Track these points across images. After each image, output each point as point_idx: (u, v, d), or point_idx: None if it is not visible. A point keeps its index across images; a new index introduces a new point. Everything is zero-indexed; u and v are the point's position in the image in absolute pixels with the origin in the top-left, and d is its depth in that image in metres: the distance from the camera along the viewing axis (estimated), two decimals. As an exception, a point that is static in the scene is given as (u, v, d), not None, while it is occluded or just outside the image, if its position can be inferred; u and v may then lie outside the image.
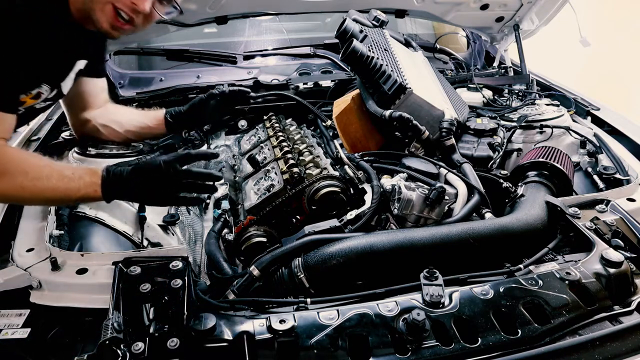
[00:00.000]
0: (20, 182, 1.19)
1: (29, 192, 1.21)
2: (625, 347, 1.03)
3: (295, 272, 1.24)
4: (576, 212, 1.42)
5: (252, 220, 1.49)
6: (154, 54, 2.59)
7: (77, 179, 1.24)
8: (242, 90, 1.89)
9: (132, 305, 1.09)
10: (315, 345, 0.99)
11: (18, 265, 1.22)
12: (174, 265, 1.20)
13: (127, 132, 1.78)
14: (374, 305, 1.08)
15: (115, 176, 1.26)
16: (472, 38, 2.96)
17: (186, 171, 1.28)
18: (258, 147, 1.94)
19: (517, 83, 2.49)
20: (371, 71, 1.69)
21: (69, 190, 1.23)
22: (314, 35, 2.90)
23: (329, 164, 1.64)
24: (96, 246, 1.44)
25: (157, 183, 1.26)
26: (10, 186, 1.19)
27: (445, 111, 1.70)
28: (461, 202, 1.46)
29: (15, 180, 1.19)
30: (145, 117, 1.81)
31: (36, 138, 1.85)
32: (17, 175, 1.19)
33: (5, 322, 1.12)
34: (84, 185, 1.24)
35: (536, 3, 2.50)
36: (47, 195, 1.23)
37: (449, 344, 1.01)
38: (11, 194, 1.22)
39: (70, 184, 1.23)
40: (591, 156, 1.89)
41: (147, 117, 1.82)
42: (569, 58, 3.95)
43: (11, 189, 1.20)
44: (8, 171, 1.19)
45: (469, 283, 1.19)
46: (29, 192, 1.21)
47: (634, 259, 1.27)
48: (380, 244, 1.25)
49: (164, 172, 1.25)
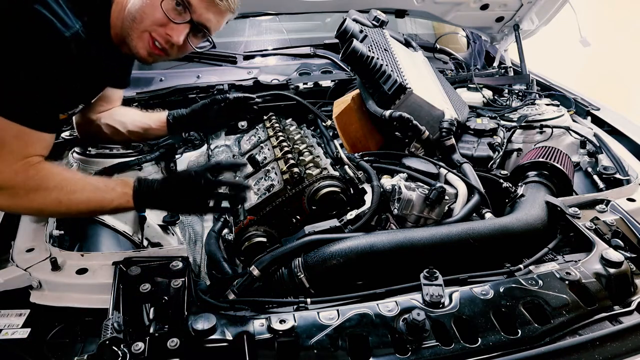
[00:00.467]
0: (56, 196, 1.21)
1: (65, 206, 1.23)
2: (625, 347, 1.03)
3: (295, 272, 1.24)
4: (576, 212, 1.42)
5: (252, 220, 1.49)
6: (154, 54, 2.59)
7: (110, 190, 1.26)
8: (246, 97, 1.90)
9: (132, 305, 1.09)
10: (315, 345, 0.99)
11: (18, 265, 1.22)
12: (174, 265, 1.20)
13: (130, 133, 1.79)
14: (374, 305, 1.08)
15: (146, 187, 1.28)
16: (472, 38, 2.96)
17: (217, 181, 1.30)
18: (258, 147, 1.93)
19: (517, 83, 2.50)
20: (371, 71, 1.69)
21: (103, 201, 1.26)
22: (314, 35, 2.90)
23: (329, 164, 1.64)
24: (96, 246, 1.44)
25: (188, 193, 1.28)
26: (47, 201, 1.22)
27: (445, 111, 1.70)
28: (461, 202, 1.46)
29: (52, 195, 1.21)
30: (147, 118, 1.82)
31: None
32: (52, 190, 1.21)
33: (5, 322, 1.13)
34: (116, 197, 1.26)
35: (536, 3, 2.50)
36: (82, 208, 1.25)
37: (449, 344, 1.01)
38: (48, 208, 1.24)
39: (104, 196, 1.26)
40: (591, 156, 1.89)
41: (150, 118, 1.82)
42: (569, 58, 3.95)
43: (48, 203, 1.22)
44: (44, 186, 1.21)
45: (469, 283, 1.19)
46: (65, 206, 1.23)
47: (634, 259, 1.27)
48: (380, 244, 1.25)
49: (195, 183, 1.28)
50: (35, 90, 1.20)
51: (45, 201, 1.21)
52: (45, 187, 1.21)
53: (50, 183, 1.22)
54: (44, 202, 1.22)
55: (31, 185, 1.20)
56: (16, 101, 1.18)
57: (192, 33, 1.44)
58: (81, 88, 1.42)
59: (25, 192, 1.20)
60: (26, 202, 1.21)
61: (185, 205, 1.32)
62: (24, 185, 1.20)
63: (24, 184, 1.19)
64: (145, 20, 1.37)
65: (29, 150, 1.22)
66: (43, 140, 1.26)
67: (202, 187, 1.28)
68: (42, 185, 1.21)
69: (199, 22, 1.41)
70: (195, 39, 1.47)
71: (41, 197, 1.21)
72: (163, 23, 1.37)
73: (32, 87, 1.20)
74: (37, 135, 1.23)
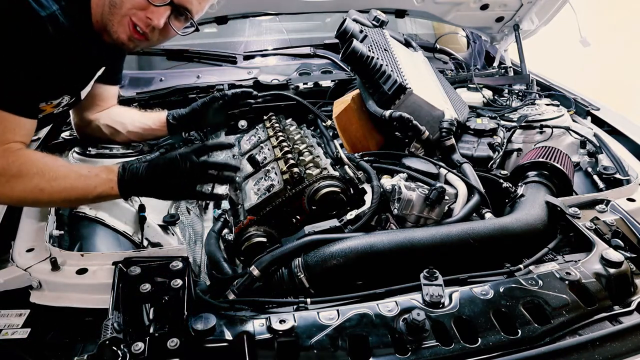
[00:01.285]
0: (37, 183, 1.19)
1: (47, 194, 1.20)
2: (625, 347, 1.03)
3: (295, 272, 1.24)
4: (576, 212, 1.42)
5: (252, 220, 1.49)
6: (154, 54, 2.59)
7: (93, 176, 1.24)
8: (245, 92, 1.90)
9: (132, 305, 1.09)
10: (315, 345, 0.99)
11: (18, 265, 1.22)
12: (174, 265, 1.20)
13: (130, 134, 1.79)
14: (374, 305, 1.08)
15: (131, 172, 1.25)
16: (472, 38, 2.96)
17: (203, 162, 1.26)
18: (258, 147, 1.93)
19: (517, 83, 2.49)
20: (371, 71, 1.69)
21: (86, 188, 1.23)
22: (314, 35, 2.90)
23: (329, 164, 1.64)
24: (96, 246, 1.44)
25: (174, 177, 1.24)
26: (29, 188, 1.19)
27: (445, 111, 1.70)
28: (461, 202, 1.46)
29: (33, 182, 1.19)
30: (147, 118, 1.82)
31: (36, 138, 1.85)
32: (33, 177, 1.19)
33: (5, 322, 1.12)
34: (100, 183, 1.24)
35: (536, 3, 2.50)
36: (64, 196, 1.23)
37: (449, 344, 1.01)
38: (29, 196, 1.21)
39: (88, 182, 1.23)
40: (591, 156, 1.89)
41: (150, 118, 1.82)
42: (569, 58, 3.95)
43: (28, 191, 1.19)
44: (24, 173, 1.18)
45: (469, 283, 1.19)
46: (47, 194, 1.20)
47: (634, 259, 1.26)
48: (380, 244, 1.25)
49: (181, 165, 1.24)
50: (11, 72, 1.18)
51: (27, 188, 1.18)
52: (26, 174, 1.18)
53: (31, 169, 1.19)
54: (24, 189, 1.19)
55: (12, 171, 1.17)
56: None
57: (173, 16, 1.41)
58: (64, 76, 1.39)
59: (5, 179, 1.18)
60: (7, 189, 1.18)
61: (172, 190, 1.27)
62: (3, 172, 1.17)
63: (4, 171, 1.17)
64: (125, 4, 1.34)
65: (8, 136, 1.20)
66: (22, 127, 1.24)
67: (188, 170, 1.24)
68: (23, 172, 1.18)
69: (179, 4, 1.39)
70: (178, 22, 1.44)
71: (22, 184, 1.18)
72: (143, 7, 1.35)
73: (8, 68, 1.17)
74: (15, 121, 1.21)
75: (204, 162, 1.27)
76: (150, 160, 1.29)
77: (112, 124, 1.75)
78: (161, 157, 1.28)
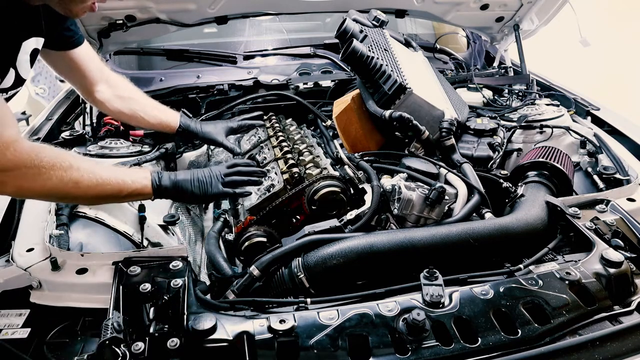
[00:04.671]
0: (72, 176, 1.16)
1: (83, 186, 1.18)
2: (625, 347, 1.03)
3: (295, 272, 1.24)
4: (576, 212, 1.42)
5: (252, 220, 1.49)
6: (154, 54, 2.59)
7: (127, 174, 1.27)
8: (252, 125, 1.96)
9: (132, 305, 1.09)
10: (315, 345, 0.99)
11: (18, 265, 1.22)
12: (174, 265, 1.20)
13: (140, 124, 1.79)
14: (374, 305, 1.08)
15: (165, 180, 1.32)
16: (472, 38, 2.96)
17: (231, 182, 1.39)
18: (258, 147, 1.93)
19: (517, 83, 2.50)
20: (371, 71, 1.69)
21: (122, 184, 1.25)
22: (314, 35, 2.90)
23: (329, 164, 1.64)
24: (96, 246, 1.44)
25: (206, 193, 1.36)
26: (64, 180, 1.16)
27: (445, 111, 1.70)
28: (461, 202, 1.46)
29: (67, 174, 1.16)
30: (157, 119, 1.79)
31: (36, 138, 1.85)
32: (67, 170, 1.16)
33: (5, 322, 1.13)
34: (136, 180, 1.27)
35: (536, 3, 2.50)
36: (99, 190, 1.22)
37: (449, 344, 1.01)
38: (63, 189, 1.17)
39: (124, 178, 1.25)
40: (591, 156, 1.89)
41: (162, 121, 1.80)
42: (569, 58, 3.95)
43: (64, 183, 1.16)
44: (57, 166, 1.15)
45: (469, 283, 1.19)
46: (83, 187, 1.18)
47: (634, 259, 1.26)
48: (380, 244, 1.25)
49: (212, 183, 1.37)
50: None
51: (63, 180, 1.15)
52: (60, 167, 1.15)
53: (64, 162, 1.16)
54: (60, 181, 1.15)
55: (42, 164, 1.13)
56: None
57: None
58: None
59: (37, 171, 1.12)
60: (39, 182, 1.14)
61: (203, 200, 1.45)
62: (32, 165, 1.12)
63: (32, 163, 1.12)
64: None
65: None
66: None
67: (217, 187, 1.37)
68: (56, 165, 1.14)
69: None
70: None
71: (55, 176, 1.14)
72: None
73: None
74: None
75: (232, 181, 1.40)
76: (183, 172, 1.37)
77: (127, 112, 1.73)
78: (192, 172, 1.37)
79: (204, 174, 1.37)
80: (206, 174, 1.37)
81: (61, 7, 1.24)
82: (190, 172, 1.37)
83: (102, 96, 1.67)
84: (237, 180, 1.41)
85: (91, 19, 2.19)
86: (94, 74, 1.64)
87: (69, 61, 1.58)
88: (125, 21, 2.23)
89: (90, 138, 1.96)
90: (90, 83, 1.64)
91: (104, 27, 2.23)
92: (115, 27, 2.23)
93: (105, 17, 2.20)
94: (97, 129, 2.05)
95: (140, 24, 2.27)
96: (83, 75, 1.63)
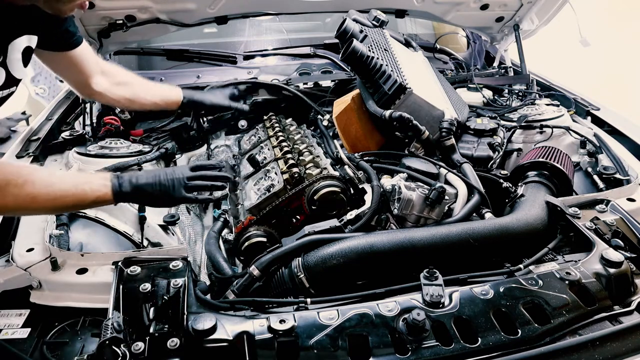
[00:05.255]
0: (29, 192, 1.13)
1: (40, 201, 1.15)
2: (625, 347, 1.03)
3: (295, 272, 1.24)
4: (576, 212, 1.42)
5: (252, 220, 1.49)
6: (154, 54, 2.59)
7: (85, 183, 1.21)
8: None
9: (132, 305, 1.09)
10: (315, 345, 0.99)
11: (18, 265, 1.22)
12: (174, 265, 1.20)
13: (143, 106, 1.80)
14: (374, 305, 1.08)
15: (124, 183, 1.25)
16: (472, 38, 2.96)
17: (192, 186, 1.32)
18: (258, 147, 1.94)
19: (517, 83, 2.50)
20: (371, 71, 1.69)
21: (82, 194, 1.20)
22: (314, 35, 2.91)
23: (329, 164, 1.64)
24: (96, 246, 1.44)
25: (165, 195, 1.29)
26: (20, 197, 1.12)
27: (445, 111, 1.70)
28: (461, 202, 1.46)
29: (23, 191, 1.13)
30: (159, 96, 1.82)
31: (36, 138, 1.85)
32: (22, 186, 1.13)
33: (5, 322, 1.13)
34: (95, 188, 1.22)
35: (536, 3, 2.50)
36: (59, 203, 1.19)
37: (449, 344, 1.01)
38: (21, 205, 1.15)
39: (83, 188, 1.20)
40: (591, 156, 1.89)
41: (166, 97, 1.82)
42: (569, 58, 3.95)
43: (20, 200, 1.13)
44: (12, 183, 1.12)
45: (469, 283, 1.19)
46: (40, 202, 1.15)
47: (634, 259, 1.27)
48: (380, 244, 1.25)
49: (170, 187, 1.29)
50: None
51: (18, 197, 1.12)
52: (14, 184, 1.11)
53: (17, 179, 1.12)
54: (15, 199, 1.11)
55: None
56: None
57: None
58: None
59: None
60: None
61: (163, 204, 1.35)
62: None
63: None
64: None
65: None
66: None
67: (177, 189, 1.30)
68: (11, 182, 1.11)
69: None
70: None
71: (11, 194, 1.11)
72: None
73: None
74: None
75: (195, 186, 1.33)
76: (145, 175, 1.30)
77: (129, 96, 1.74)
78: (153, 176, 1.30)
79: (167, 177, 1.30)
80: (169, 178, 1.30)
81: (48, 6, 1.22)
82: (153, 174, 1.31)
83: (100, 87, 1.67)
84: (200, 185, 1.35)
85: (91, 19, 2.19)
86: (90, 68, 1.64)
87: (67, 60, 1.58)
88: (125, 21, 2.23)
89: (90, 138, 1.96)
90: (86, 77, 1.64)
91: (104, 27, 2.23)
92: (115, 27, 2.23)
93: (105, 17, 2.20)
94: (97, 129, 2.05)
95: (140, 24, 2.27)
96: (80, 72, 1.63)
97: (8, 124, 3.33)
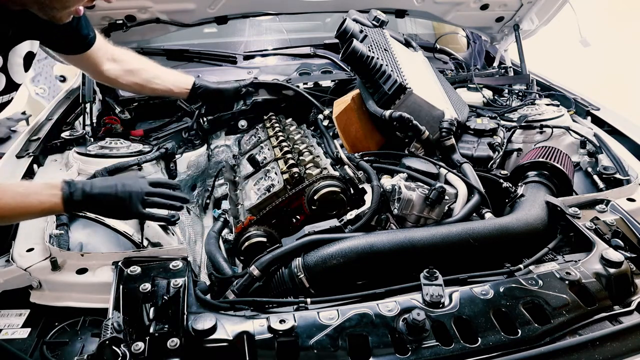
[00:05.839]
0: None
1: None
2: (625, 347, 1.03)
3: (295, 272, 1.24)
4: (576, 212, 1.42)
5: (252, 220, 1.49)
6: (154, 54, 2.58)
7: (33, 194, 1.18)
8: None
9: (132, 305, 1.09)
10: (315, 345, 0.99)
11: (18, 265, 1.22)
12: (174, 265, 1.20)
13: (154, 91, 1.84)
14: (374, 305, 1.08)
15: (76, 191, 1.20)
16: (472, 38, 2.96)
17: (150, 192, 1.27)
18: (258, 147, 1.94)
19: (517, 83, 2.50)
20: (371, 71, 1.69)
21: (29, 206, 1.17)
22: (314, 35, 2.90)
23: (329, 164, 1.64)
24: (96, 246, 1.44)
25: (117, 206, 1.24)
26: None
27: (445, 111, 1.70)
28: (461, 202, 1.46)
29: None
30: (176, 79, 1.86)
31: (36, 138, 1.85)
32: None
33: (5, 322, 1.13)
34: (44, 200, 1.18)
35: (536, 3, 2.50)
36: (8, 219, 1.19)
37: (449, 344, 1.01)
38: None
39: (30, 200, 1.16)
40: (591, 156, 1.89)
41: (179, 82, 1.86)
42: (569, 58, 3.95)
43: None
44: None
45: (469, 283, 1.19)
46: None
47: (634, 259, 1.27)
48: (380, 244, 1.25)
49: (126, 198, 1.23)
50: None
51: None
52: None
53: None
54: None
55: None
56: None
57: None
58: None
59: None
60: None
61: (115, 215, 1.30)
62: None
63: None
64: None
65: None
66: None
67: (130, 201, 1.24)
68: None
69: None
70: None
71: None
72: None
73: None
74: None
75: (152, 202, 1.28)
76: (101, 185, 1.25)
77: (140, 81, 1.77)
78: (109, 186, 1.25)
79: (124, 188, 1.24)
80: (126, 190, 1.24)
81: (43, 13, 1.21)
82: (110, 183, 1.25)
83: (112, 73, 1.71)
84: (158, 202, 1.29)
85: (91, 19, 2.15)
86: (100, 54, 1.68)
87: (79, 57, 1.62)
88: (125, 21, 2.23)
89: (90, 138, 1.96)
90: (98, 64, 1.68)
91: (104, 27, 2.23)
92: (115, 27, 2.23)
93: (105, 17, 2.21)
94: (97, 129, 2.05)
95: (140, 24, 2.27)
96: (92, 63, 1.68)
97: (8, 124, 3.33)
